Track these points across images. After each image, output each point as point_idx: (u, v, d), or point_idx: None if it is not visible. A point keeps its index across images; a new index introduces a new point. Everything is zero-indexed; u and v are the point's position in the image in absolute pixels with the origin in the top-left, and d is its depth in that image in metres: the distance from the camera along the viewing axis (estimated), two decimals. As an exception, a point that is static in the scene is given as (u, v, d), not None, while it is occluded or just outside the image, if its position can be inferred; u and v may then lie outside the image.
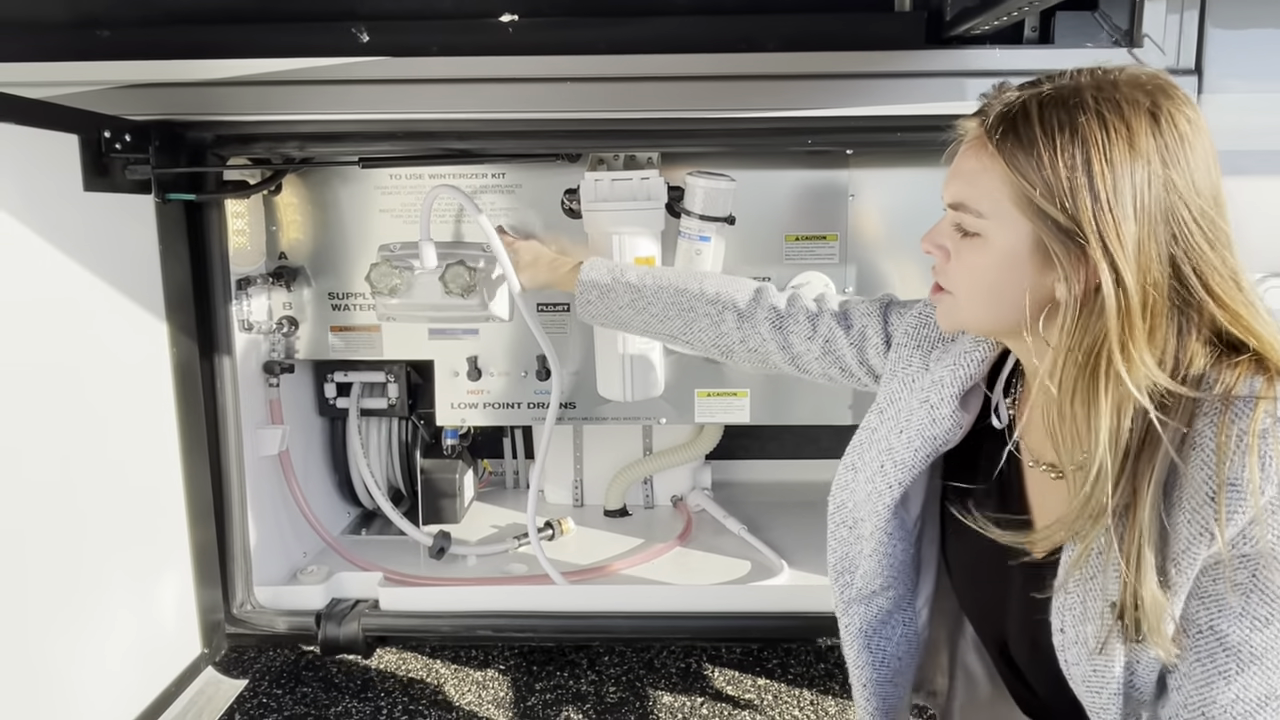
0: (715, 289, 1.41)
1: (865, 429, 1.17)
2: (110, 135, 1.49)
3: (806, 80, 1.61)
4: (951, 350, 1.09)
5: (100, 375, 1.49)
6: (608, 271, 1.51)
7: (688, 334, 1.42)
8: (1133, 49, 1.59)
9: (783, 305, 1.36)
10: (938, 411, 1.05)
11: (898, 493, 1.09)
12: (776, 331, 1.34)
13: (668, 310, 1.43)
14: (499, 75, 1.63)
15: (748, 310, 1.36)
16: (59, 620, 1.40)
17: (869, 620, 1.20)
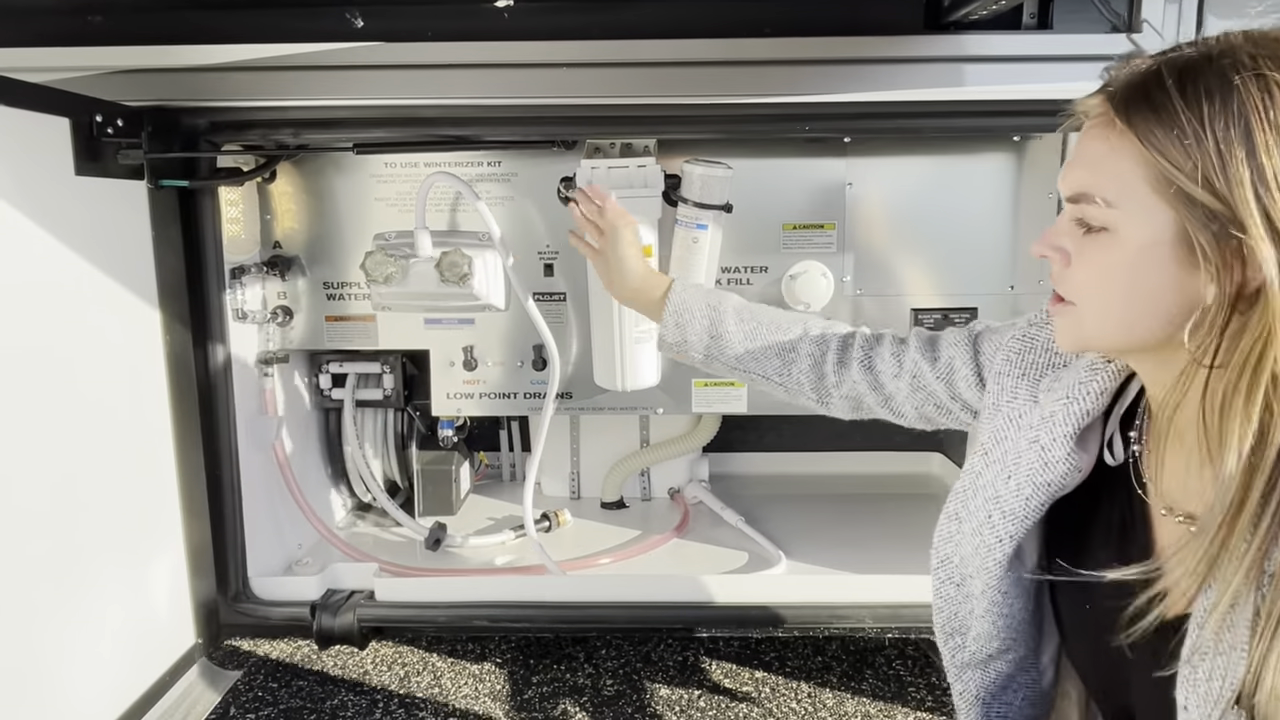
0: (819, 329, 1.28)
1: (969, 473, 1.02)
2: (102, 120, 1.48)
3: (804, 65, 1.61)
4: (1064, 379, 0.94)
5: (92, 363, 1.48)
6: (702, 297, 1.35)
7: (785, 376, 1.28)
8: (1131, 34, 1.59)
9: (870, 343, 1.24)
10: (1050, 453, 0.90)
11: (1009, 547, 0.94)
12: (866, 372, 1.22)
13: (768, 350, 1.29)
14: (494, 61, 1.62)
15: (843, 351, 1.24)
16: (51, 609, 1.38)
17: (986, 686, 1.06)
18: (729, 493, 2.46)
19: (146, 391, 1.63)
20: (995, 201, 1.91)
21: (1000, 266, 1.93)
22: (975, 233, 1.92)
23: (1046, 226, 1.99)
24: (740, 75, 1.62)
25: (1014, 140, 1.88)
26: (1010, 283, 1.94)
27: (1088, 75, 1.60)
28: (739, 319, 1.31)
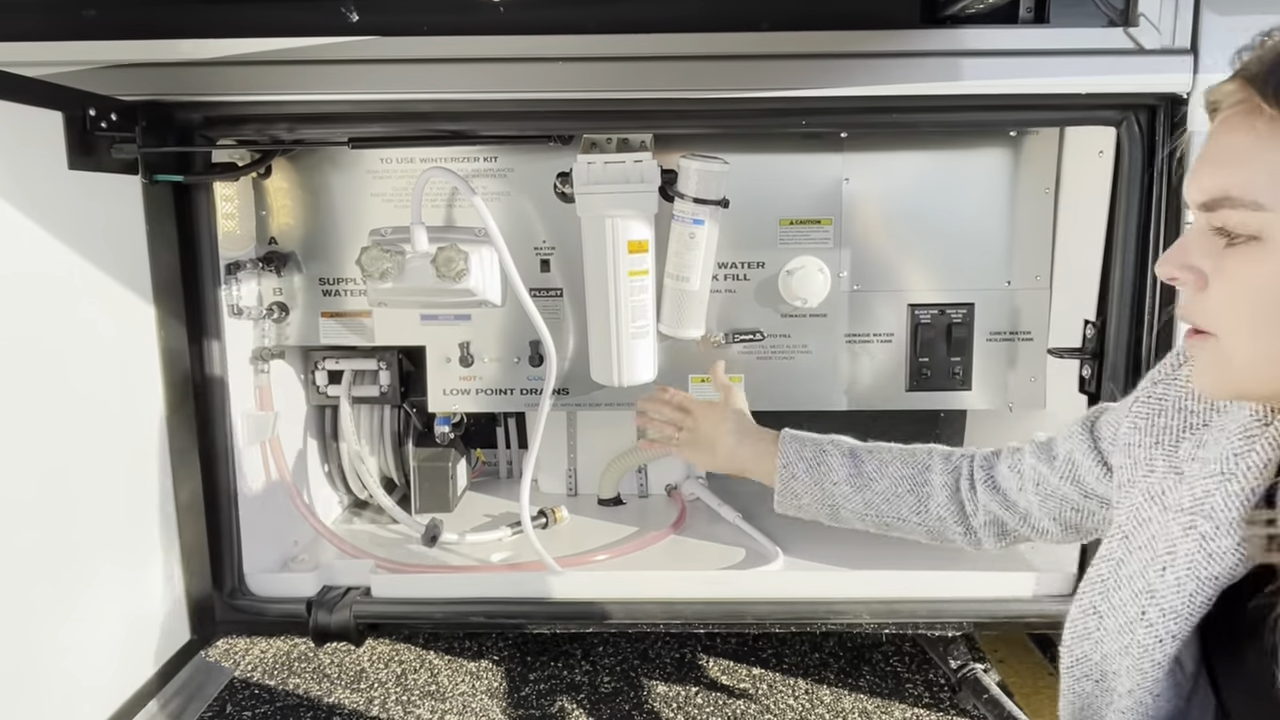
0: (942, 461, 1.18)
1: (1106, 560, 0.88)
2: (95, 113, 1.47)
3: (800, 60, 1.60)
4: (1209, 445, 0.80)
5: (86, 359, 1.47)
6: (813, 444, 1.25)
7: (923, 512, 1.17)
8: (1128, 28, 1.58)
9: (989, 461, 1.16)
10: (1214, 544, 0.76)
11: (1171, 648, 0.80)
12: (993, 491, 1.13)
13: (897, 486, 1.18)
14: (490, 55, 1.61)
15: (971, 475, 1.15)
16: (46, 606, 1.38)
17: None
18: (726, 489, 2.45)
19: (141, 388, 1.62)
20: (992, 197, 1.90)
21: (997, 262, 1.93)
22: (972, 228, 1.92)
23: (1043, 221, 2.00)
24: (737, 70, 1.61)
25: (1011, 135, 1.88)
26: (1007, 278, 1.93)
27: (1084, 69, 1.62)
28: (855, 460, 1.21)
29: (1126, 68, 1.59)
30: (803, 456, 1.23)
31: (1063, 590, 1.83)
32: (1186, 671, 0.84)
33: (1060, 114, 1.71)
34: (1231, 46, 1.58)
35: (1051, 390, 1.96)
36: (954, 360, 1.96)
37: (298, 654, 2.45)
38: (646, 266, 1.84)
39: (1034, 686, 2.25)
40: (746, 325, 1.97)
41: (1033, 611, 1.84)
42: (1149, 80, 1.60)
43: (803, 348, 1.98)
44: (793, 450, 1.25)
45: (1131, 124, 1.64)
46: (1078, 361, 1.82)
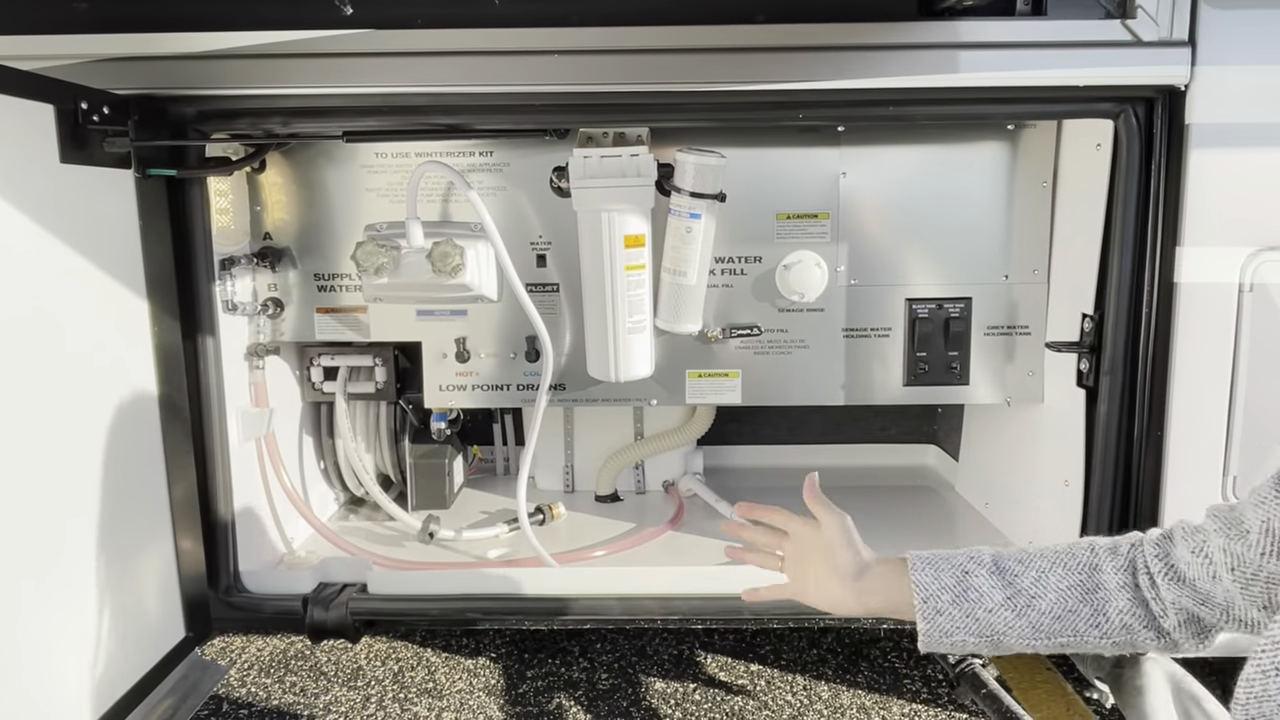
0: (1109, 557, 1.00)
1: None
2: (88, 107, 1.46)
3: (797, 53, 1.59)
4: None
5: (79, 355, 1.46)
6: (951, 568, 1.05)
7: (1102, 625, 0.99)
8: (1126, 20, 1.58)
9: (1162, 549, 0.99)
10: None
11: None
12: (1177, 585, 0.96)
13: (1066, 599, 1.00)
14: (486, 48, 1.60)
15: (1149, 570, 0.99)
16: (40, 604, 1.37)
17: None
18: (724, 485, 2.45)
19: (135, 384, 1.61)
20: (990, 191, 1.90)
21: (995, 256, 1.92)
22: (970, 222, 1.91)
23: (1041, 215, 2.00)
24: (733, 62, 1.60)
25: (1008, 129, 1.87)
26: (1005, 272, 1.93)
27: (1082, 62, 1.61)
28: (1006, 577, 1.02)
29: (1124, 60, 1.59)
30: (944, 586, 1.04)
31: (1061, 585, 1.83)
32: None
33: (1057, 107, 1.70)
34: (1229, 38, 1.59)
35: (1049, 384, 1.96)
36: (952, 355, 1.96)
37: (294, 652, 2.44)
38: (643, 261, 1.83)
39: (1031, 681, 2.25)
40: (744, 320, 1.97)
41: (1031, 606, 1.83)
42: (1147, 72, 1.59)
43: (800, 343, 1.97)
44: (929, 580, 1.05)
45: (1129, 117, 1.64)
46: (1076, 355, 1.82)
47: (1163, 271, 1.66)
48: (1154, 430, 1.69)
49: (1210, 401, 1.65)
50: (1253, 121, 1.59)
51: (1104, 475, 1.75)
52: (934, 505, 2.40)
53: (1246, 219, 1.61)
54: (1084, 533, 1.79)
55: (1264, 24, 1.59)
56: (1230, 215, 1.61)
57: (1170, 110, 1.62)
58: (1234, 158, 1.61)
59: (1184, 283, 1.64)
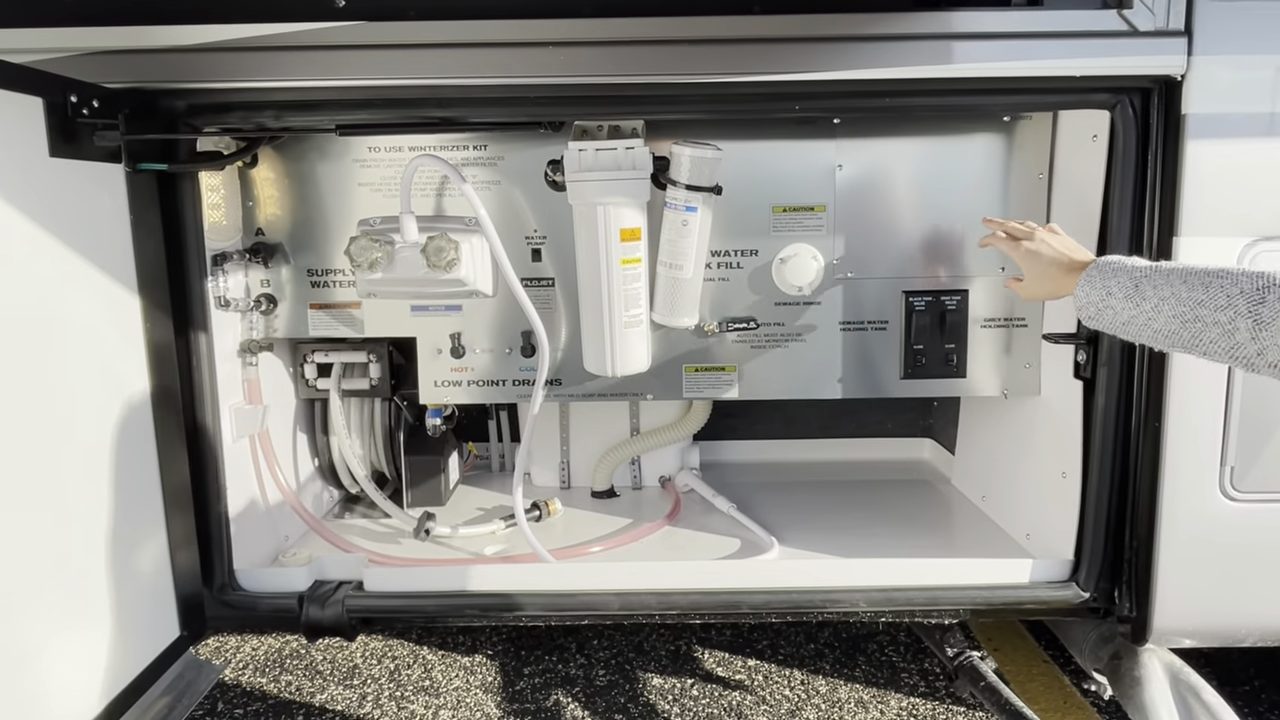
0: (1227, 294, 1.18)
1: None
2: (77, 100, 1.44)
3: (793, 43, 1.59)
4: None
5: (71, 352, 1.44)
6: (1102, 286, 1.37)
7: (1196, 349, 1.24)
8: (1122, 10, 1.57)
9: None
10: None
11: None
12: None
13: (1171, 323, 1.26)
14: (479, 40, 1.59)
15: (1266, 316, 1.13)
16: (33, 603, 1.35)
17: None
18: (720, 480, 2.45)
19: (127, 381, 1.59)
20: (986, 182, 1.90)
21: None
22: (966, 214, 1.91)
23: (1037, 207, 1.99)
24: (729, 54, 1.59)
25: (1004, 120, 1.87)
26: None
27: (1078, 52, 1.61)
28: (1139, 284, 1.31)
29: (1120, 50, 1.59)
30: (1091, 303, 1.38)
31: (1059, 577, 1.83)
32: None
33: (1054, 97, 1.70)
34: (1225, 28, 1.59)
35: (1046, 376, 1.96)
36: (949, 347, 1.95)
37: (289, 650, 2.42)
38: (639, 255, 1.82)
39: (1029, 673, 2.25)
40: (740, 313, 1.96)
41: (1029, 598, 1.83)
42: (1143, 63, 1.59)
43: (797, 335, 1.97)
44: (1085, 294, 1.39)
45: (1125, 107, 1.63)
46: (1073, 347, 1.81)
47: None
48: (1151, 421, 1.69)
49: (1207, 392, 1.65)
50: (1249, 111, 1.59)
51: (1102, 467, 1.75)
52: (930, 498, 2.40)
53: (1243, 210, 1.61)
54: (1081, 525, 1.79)
55: (1260, 13, 1.59)
56: (1227, 206, 1.61)
57: (1167, 101, 1.62)
58: (1231, 148, 1.61)
59: (1181, 273, 1.64)
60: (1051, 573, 1.83)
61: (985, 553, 2.00)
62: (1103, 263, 1.41)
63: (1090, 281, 1.40)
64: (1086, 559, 1.79)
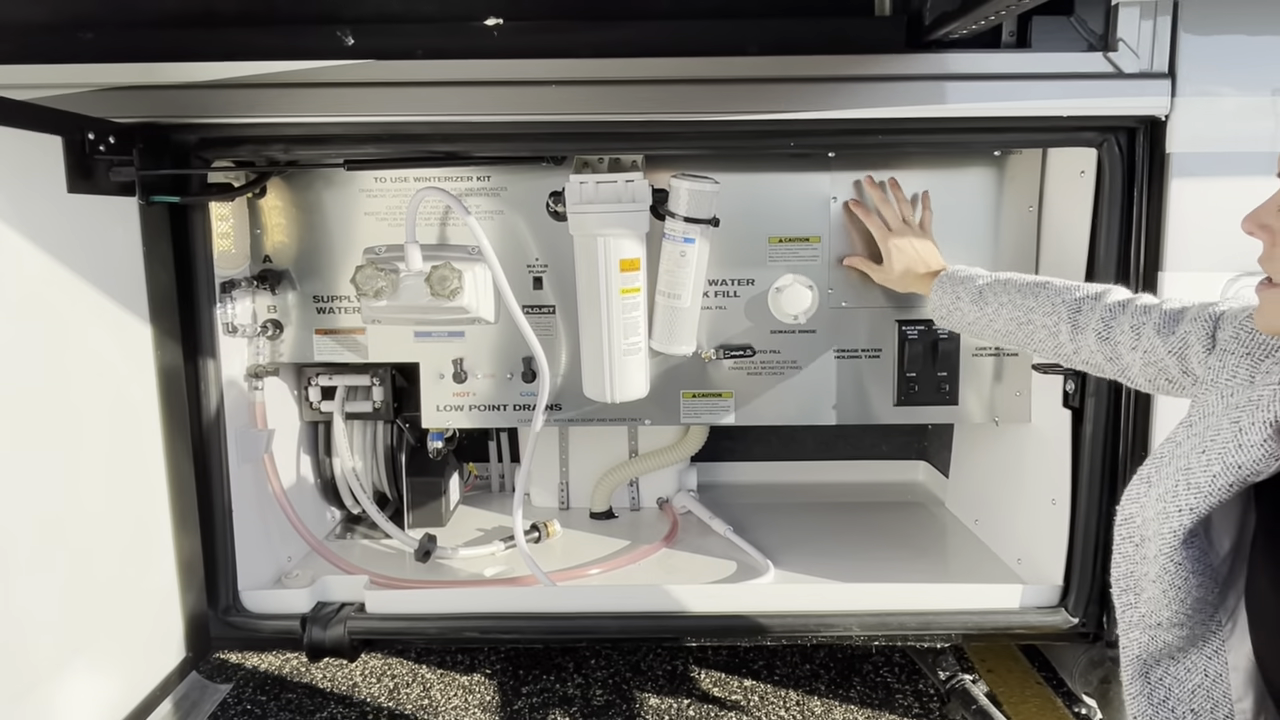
0: (1052, 303, 1.43)
1: (1170, 441, 1.02)
2: (94, 137, 1.49)
3: (788, 83, 1.63)
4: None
5: (84, 378, 1.48)
6: (953, 290, 1.63)
7: (1027, 347, 1.51)
8: (1108, 53, 1.62)
9: (1111, 316, 1.31)
10: (1246, 436, 0.89)
11: (1188, 519, 0.94)
12: (1103, 343, 1.31)
13: (1009, 325, 1.51)
14: (484, 78, 1.64)
15: (1081, 322, 1.36)
16: (43, 624, 1.39)
17: (1151, 652, 1.05)
18: (717, 502, 2.48)
19: (138, 405, 1.63)
20: (977, 215, 1.94)
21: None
22: (957, 246, 1.94)
23: (1027, 239, 2.04)
24: (726, 93, 1.64)
25: (995, 155, 1.92)
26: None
27: (1065, 93, 1.66)
28: (983, 292, 1.57)
29: (1106, 91, 1.64)
30: (942, 305, 1.65)
31: (1049, 602, 1.86)
32: (1219, 553, 0.98)
33: (1042, 136, 1.75)
34: (1208, 70, 1.64)
35: (1036, 405, 2.00)
36: (941, 375, 1.99)
37: (290, 669, 2.45)
38: (638, 284, 1.86)
39: (1022, 696, 2.28)
40: (737, 341, 2.00)
41: (1020, 623, 1.86)
42: (1128, 103, 1.64)
43: (792, 364, 2.01)
44: (938, 296, 1.66)
45: (1112, 145, 1.68)
46: (1062, 377, 1.85)
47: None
48: (1138, 450, 1.73)
49: (1192, 423, 1.69)
50: (1231, 151, 1.64)
51: (1090, 494, 1.79)
52: (924, 521, 2.43)
53: (1226, 245, 1.65)
54: (1071, 551, 1.83)
55: (1241, 56, 1.64)
56: (1210, 241, 1.66)
57: (1151, 139, 1.67)
58: (1213, 185, 1.65)
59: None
60: (1041, 598, 1.87)
61: (977, 577, 2.03)
62: (953, 271, 1.68)
63: (942, 288, 1.66)
64: (1075, 584, 1.82)
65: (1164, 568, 0.97)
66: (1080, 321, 1.36)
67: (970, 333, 1.64)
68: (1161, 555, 0.97)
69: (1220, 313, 1.13)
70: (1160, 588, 0.99)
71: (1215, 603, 1.00)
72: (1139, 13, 1.62)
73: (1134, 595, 1.05)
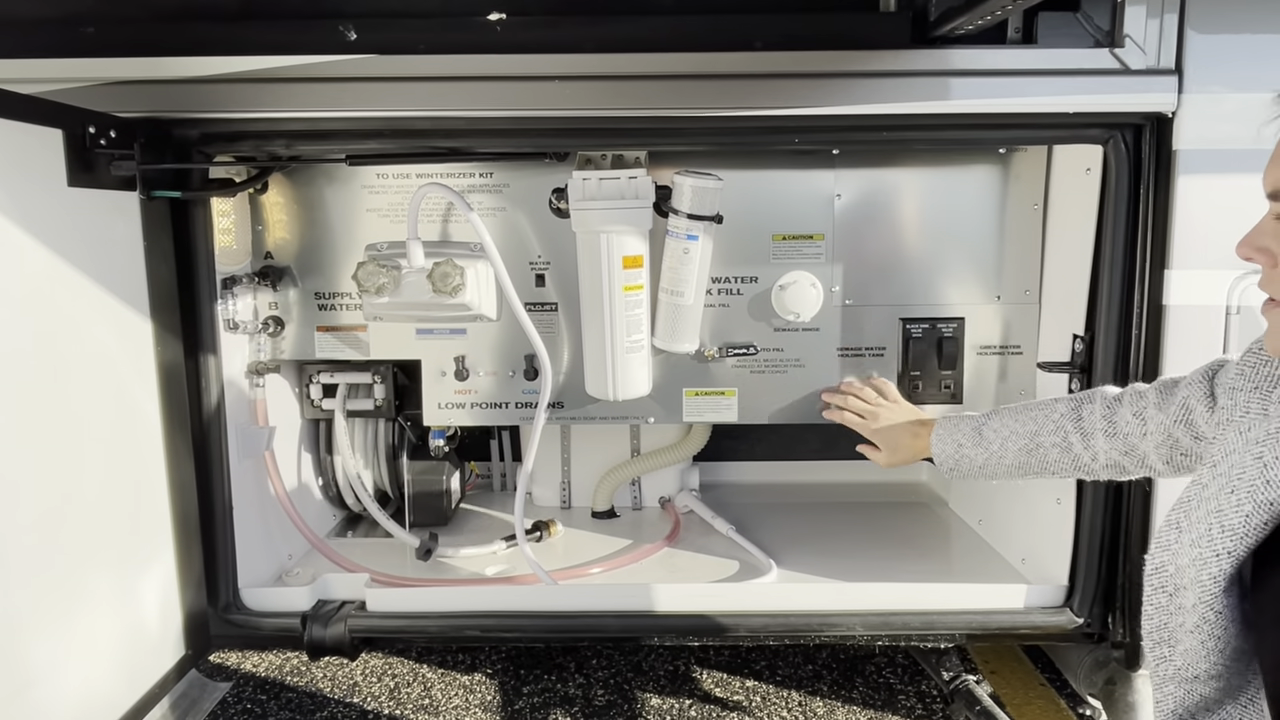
0: (1050, 419, 1.39)
1: (1195, 484, 0.98)
2: (95, 131, 1.48)
3: (793, 79, 1.62)
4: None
5: (84, 374, 1.48)
6: (951, 441, 1.55)
7: (1045, 471, 1.43)
8: (1114, 49, 1.61)
9: (1110, 411, 1.30)
10: (1272, 472, 0.86)
11: (1227, 564, 0.89)
12: (1112, 439, 1.30)
13: (1019, 458, 1.44)
14: (486, 73, 1.63)
15: (1087, 428, 1.34)
16: (42, 621, 1.38)
17: (1187, 706, 1.00)
18: (720, 502, 2.47)
19: (138, 402, 1.63)
20: (982, 213, 1.93)
21: (987, 277, 1.95)
22: (962, 243, 1.94)
23: (1032, 237, 2.03)
24: (730, 88, 1.63)
25: (1000, 153, 1.91)
26: (997, 293, 1.96)
27: (1071, 89, 1.65)
28: (985, 436, 1.49)
29: (1112, 88, 1.63)
30: (947, 460, 1.56)
31: (1053, 602, 1.85)
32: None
33: (1048, 132, 1.74)
34: (1215, 67, 1.63)
35: (1041, 403, 1.99)
36: (944, 374, 1.98)
37: (290, 668, 2.44)
38: (641, 281, 1.85)
39: (1025, 697, 2.27)
40: (740, 339, 1.99)
41: (1024, 623, 1.85)
42: (1135, 100, 1.63)
43: (796, 361, 2.00)
44: (941, 453, 1.58)
45: (1118, 142, 1.67)
46: (1066, 375, 1.84)
47: (1151, 294, 1.69)
48: (1144, 450, 1.72)
49: (1199, 422, 1.68)
50: (1238, 147, 1.63)
51: (1095, 494, 1.78)
52: (928, 521, 2.42)
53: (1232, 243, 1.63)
54: (1075, 551, 1.81)
55: (1248, 52, 1.63)
56: (1217, 239, 1.65)
57: (1158, 136, 1.66)
58: (1220, 183, 1.64)
59: (1172, 305, 1.67)
60: (1046, 598, 1.86)
61: (981, 577, 2.02)
62: (944, 420, 1.60)
63: (940, 439, 1.58)
64: (1080, 585, 1.81)
65: (1203, 617, 0.92)
66: (1086, 427, 1.33)
67: (985, 475, 1.52)
68: (1201, 604, 0.92)
69: (1217, 365, 1.14)
70: (1199, 638, 0.94)
71: (1252, 651, 0.95)
72: (1146, 9, 1.61)
73: (1169, 648, 0.99)
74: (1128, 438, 1.27)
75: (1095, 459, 1.34)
